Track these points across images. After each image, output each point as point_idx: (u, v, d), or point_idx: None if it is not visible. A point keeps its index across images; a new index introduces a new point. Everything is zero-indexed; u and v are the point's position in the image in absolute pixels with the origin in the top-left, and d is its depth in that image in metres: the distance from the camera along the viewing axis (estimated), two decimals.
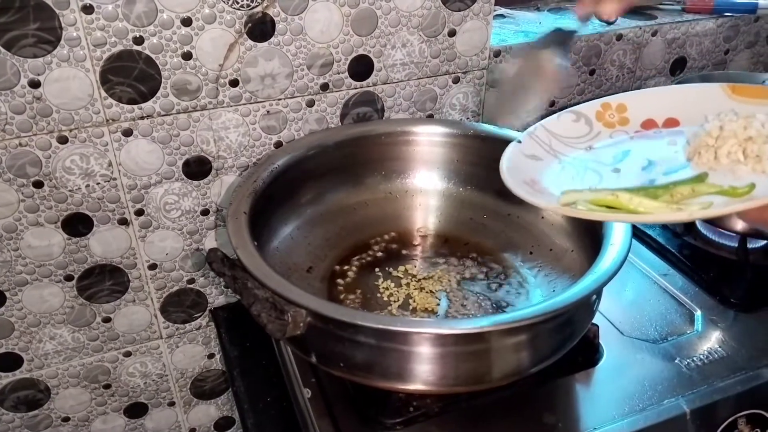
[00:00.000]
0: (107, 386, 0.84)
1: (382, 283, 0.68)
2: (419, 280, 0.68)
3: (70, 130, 0.66)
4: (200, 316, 0.85)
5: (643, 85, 0.98)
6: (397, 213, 0.77)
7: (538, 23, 0.93)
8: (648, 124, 0.54)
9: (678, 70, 0.99)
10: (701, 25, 0.97)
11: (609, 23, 0.55)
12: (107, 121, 0.67)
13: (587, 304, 0.56)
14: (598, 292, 0.52)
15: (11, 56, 0.60)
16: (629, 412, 0.57)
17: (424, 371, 0.51)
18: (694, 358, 0.63)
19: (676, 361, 0.62)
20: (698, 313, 0.69)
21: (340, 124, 0.78)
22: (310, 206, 0.73)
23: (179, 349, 0.86)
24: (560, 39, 0.59)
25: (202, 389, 0.92)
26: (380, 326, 0.48)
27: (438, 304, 0.65)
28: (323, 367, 0.54)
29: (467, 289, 0.67)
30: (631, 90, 0.94)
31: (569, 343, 0.55)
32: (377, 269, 0.70)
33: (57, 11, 0.60)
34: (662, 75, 0.99)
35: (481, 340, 0.50)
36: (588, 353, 0.62)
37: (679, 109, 0.53)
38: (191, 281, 0.81)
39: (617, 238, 0.55)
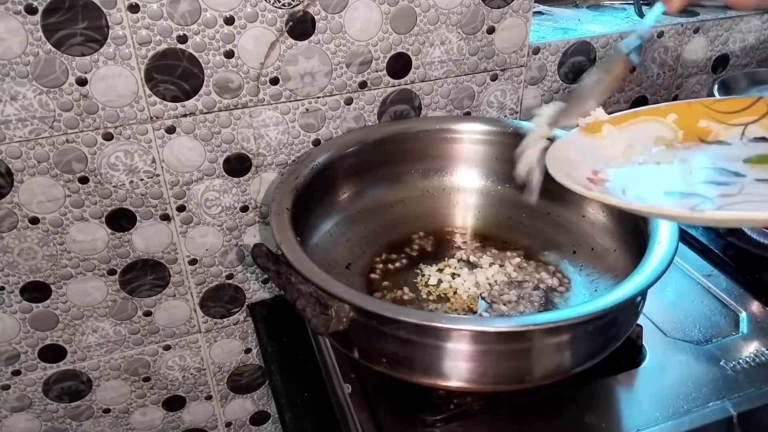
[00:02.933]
0: (147, 379, 0.86)
1: (421, 280, 0.68)
2: (458, 278, 0.67)
3: (116, 127, 0.67)
4: (238, 311, 0.86)
5: (685, 82, 0.96)
6: (435, 211, 0.77)
7: (577, 20, 0.92)
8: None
9: (720, 67, 0.97)
10: (745, 21, 0.95)
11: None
12: (151, 118, 0.68)
13: (632, 305, 0.55)
14: (644, 293, 0.51)
15: (60, 55, 0.61)
16: (673, 414, 0.56)
17: (466, 369, 0.50)
18: (740, 361, 0.61)
19: (721, 363, 0.61)
20: (743, 315, 0.67)
21: (377, 122, 0.78)
22: (348, 203, 0.74)
23: (217, 343, 0.87)
24: (640, 43, 0.57)
25: (239, 383, 0.93)
26: (424, 322, 0.48)
27: (477, 303, 0.64)
28: (366, 363, 0.54)
29: (506, 287, 0.66)
30: (673, 87, 0.93)
31: (613, 344, 0.54)
32: (415, 267, 0.70)
33: (104, 10, 0.61)
34: (704, 72, 0.97)
35: (525, 339, 0.50)
36: (631, 354, 0.61)
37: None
38: (230, 276, 0.82)
39: (664, 237, 0.54)
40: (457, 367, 0.50)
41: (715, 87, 0.84)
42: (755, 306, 0.68)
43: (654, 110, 0.56)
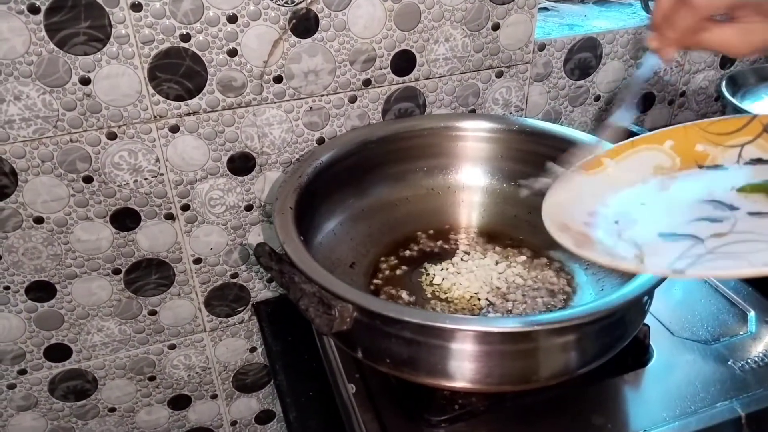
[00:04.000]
0: (152, 378, 0.86)
1: (425, 279, 0.67)
2: (463, 276, 0.67)
3: (119, 127, 0.67)
4: (243, 310, 0.86)
5: (692, 79, 0.95)
6: (439, 209, 0.76)
7: (583, 16, 0.91)
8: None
9: (728, 63, 0.96)
10: None
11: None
12: (155, 117, 0.68)
13: (639, 305, 0.55)
14: (650, 292, 0.50)
15: (63, 54, 0.61)
16: (681, 415, 0.55)
17: (470, 369, 0.50)
18: (749, 360, 0.61)
19: (729, 362, 0.60)
20: (751, 313, 0.67)
21: (381, 120, 0.78)
22: (352, 202, 0.73)
23: (222, 342, 0.87)
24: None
25: (244, 382, 0.93)
26: (429, 323, 0.47)
27: (481, 302, 0.64)
28: (369, 363, 0.54)
29: (512, 286, 0.66)
30: (680, 83, 0.92)
31: (620, 344, 0.54)
32: (420, 266, 0.69)
33: (107, 9, 0.61)
34: (711, 68, 0.96)
35: (530, 338, 0.49)
36: (638, 354, 0.61)
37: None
38: (234, 276, 0.82)
39: None
40: (462, 367, 0.50)
41: (723, 83, 0.83)
42: (764, 304, 0.68)
43: (651, 138, 0.56)
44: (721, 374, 0.59)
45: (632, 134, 0.58)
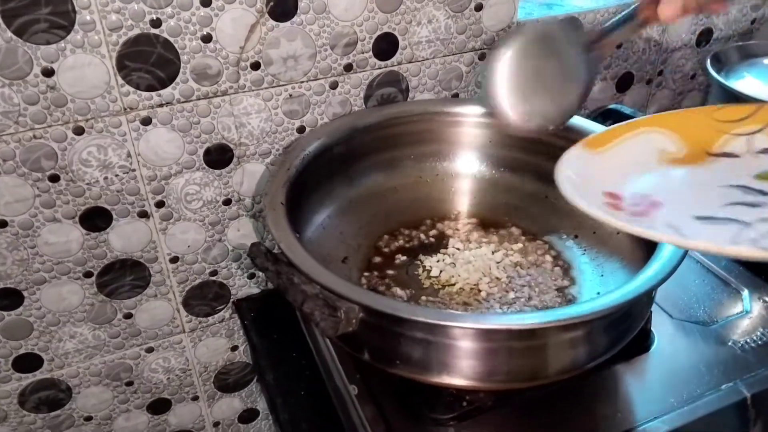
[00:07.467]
0: (130, 383, 0.82)
1: (422, 272, 0.65)
2: (461, 267, 0.65)
3: (87, 120, 0.62)
4: (223, 309, 0.82)
5: (670, 57, 0.95)
6: (429, 198, 0.74)
7: None
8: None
9: (704, 41, 0.97)
10: None
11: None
12: (125, 109, 0.63)
13: (648, 296, 0.54)
14: (663, 281, 0.49)
15: (23, 43, 0.56)
16: (688, 399, 0.55)
17: (485, 367, 0.49)
18: (747, 340, 0.61)
19: (729, 343, 0.60)
20: (745, 292, 0.67)
21: (364, 106, 0.75)
22: (340, 193, 0.70)
23: (202, 342, 0.84)
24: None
25: (226, 382, 0.89)
26: (442, 322, 0.45)
27: (482, 293, 0.62)
28: (377, 365, 0.51)
29: (509, 275, 0.64)
30: (659, 62, 0.92)
31: (629, 335, 0.53)
32: (415, 258, 0.67)
33: None
34: (688, 47, 0.96)
35: (544, 335, 0.48)
36: (640, 339, 0.60)
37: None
38: (214, 273, 0.78)
39: None
40: (476, 366, 0.48)
41: (708, 61, 0.83)
42: (756, 283, 0.68)
43: (652, 120, 0.53)
44: (723, 355, 0.59)
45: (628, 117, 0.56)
